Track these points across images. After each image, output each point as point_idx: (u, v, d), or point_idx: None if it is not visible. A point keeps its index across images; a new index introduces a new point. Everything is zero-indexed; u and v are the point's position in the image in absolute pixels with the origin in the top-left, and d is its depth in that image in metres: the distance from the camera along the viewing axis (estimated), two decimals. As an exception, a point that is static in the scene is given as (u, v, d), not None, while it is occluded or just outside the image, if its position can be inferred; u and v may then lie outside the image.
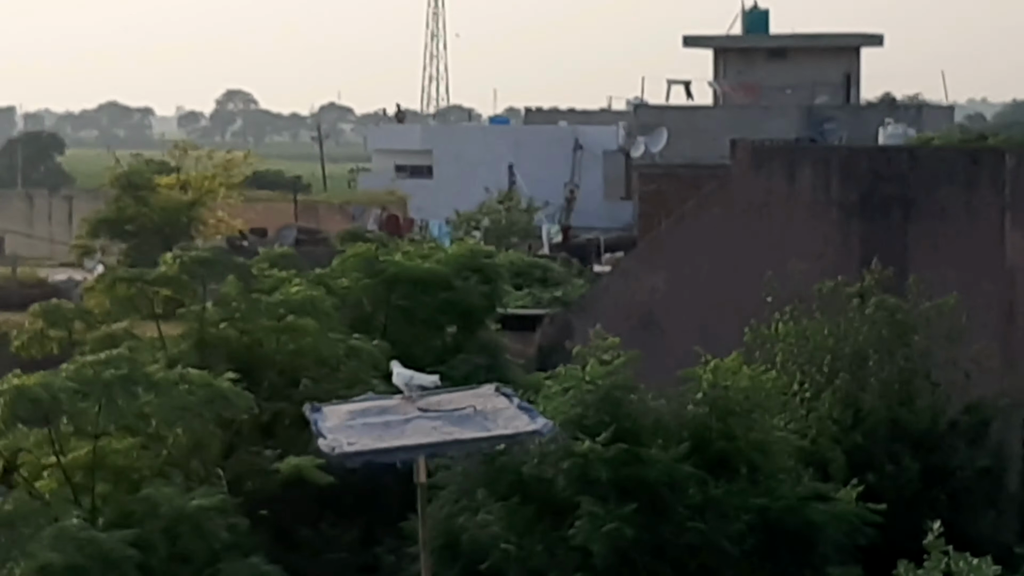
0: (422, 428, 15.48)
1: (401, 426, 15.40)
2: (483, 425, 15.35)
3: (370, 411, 15.25)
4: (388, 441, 15.14)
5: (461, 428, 15.39)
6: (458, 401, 15.80)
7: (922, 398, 35.89)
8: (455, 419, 15.62)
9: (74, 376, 30.98)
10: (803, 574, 29.87)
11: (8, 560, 29.20)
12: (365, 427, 15.48)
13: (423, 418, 15.60)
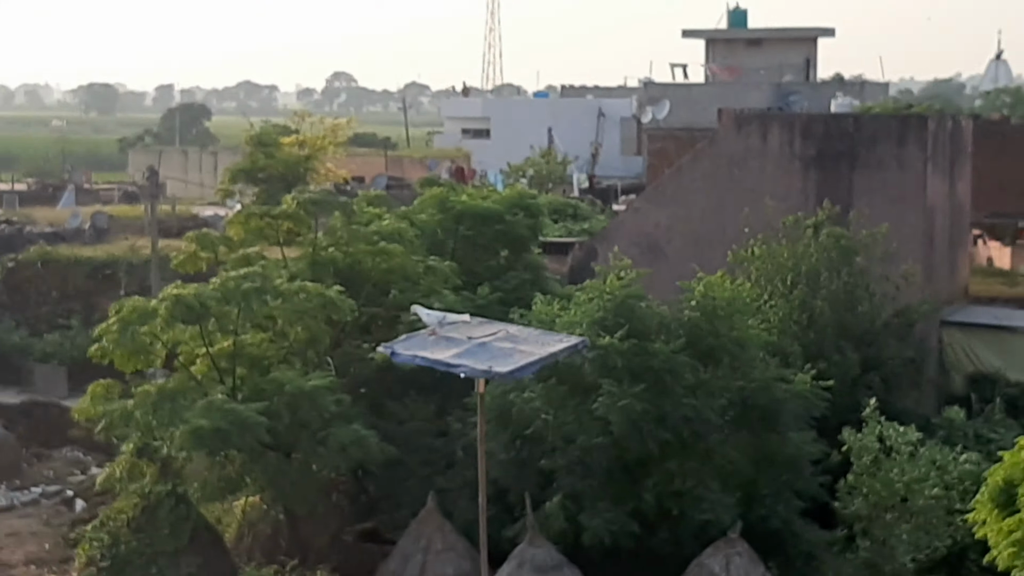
0: (481, 351, 15.55)
1: (465, 347, 15.42)
2: (538, 345, 15.42)
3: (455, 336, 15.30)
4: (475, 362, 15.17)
5: (527, 349, 15.42)
6: (496, 329, 15.79)
7: (862, 305, 36.14)
8: (515, 342, 15.68)
9: (219, 287, 31.45)
10: (770, 438, 30.15)
11: (170, 425, 29.75)
12: (437, 343, 15.58)
13: (481, 344, 15.61)
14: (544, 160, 78.73)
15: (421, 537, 30.02)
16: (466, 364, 15.06)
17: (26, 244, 59.01)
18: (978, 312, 42.17)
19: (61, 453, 45.79)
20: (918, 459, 30.45)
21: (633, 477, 29.03)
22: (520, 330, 16.31)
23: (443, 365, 14.90)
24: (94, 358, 33.05)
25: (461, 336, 15.20)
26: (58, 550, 36.73)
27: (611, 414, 28.24)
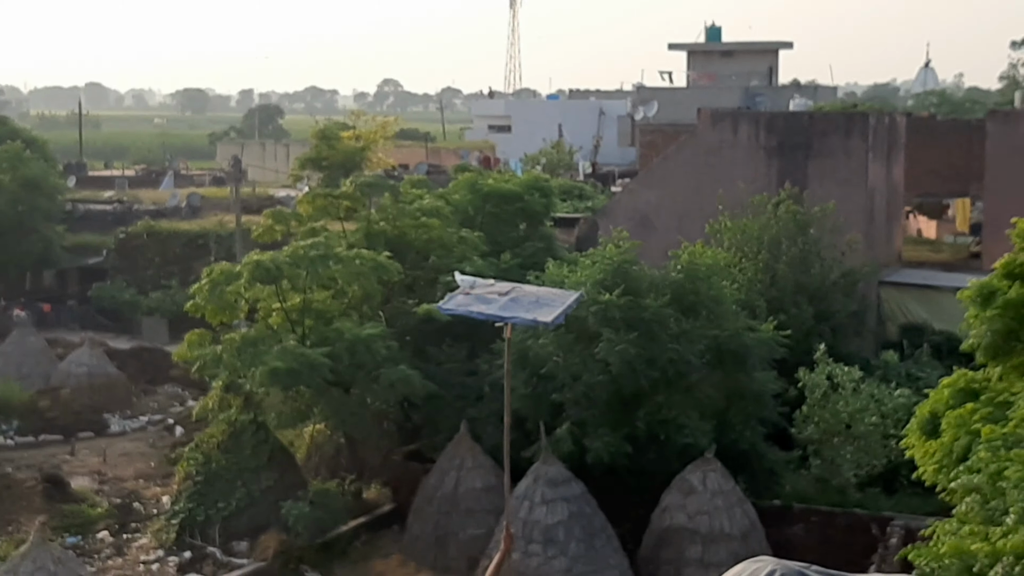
0: (515, 305, 15.33)
1: (501, 302, 15.20)
2: (549, 301, 15.24)
3: (485, 295, 15.05)
4: (499, 311, 14.98)
5: (539, 305, 15.26)
6: (511, 288, 15.60)
7: (814, 267, 36.08)
8: (527, 300, 15.52)
9: (290, 254, 31.49)
10: (739, 377, 30.11)
11: (252, 366, 29.85)
12: (487, 292, 15.37)
13: (513, 299, 15.37)
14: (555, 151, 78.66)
15: (455, 457, 30.17)
16: (517, 315, 14.90)
17: (134, 219, 59.28)
18: (909, 274, 42.15)
19: (163, 389, 45.99)
20: (860, 394, 30.50)
21: (627, 408, 29.06)
22: (533, 288, 16.11)
23: (496, 317, 14.70)
24: (190, 312, 33.27)
25: (493, 294, 15.00)
26: (161, 467, 36.95)
27: (610, 357, 28.31)
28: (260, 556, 29.11)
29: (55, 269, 58.00)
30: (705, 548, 27.18)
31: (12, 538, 29.59)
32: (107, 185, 74.40)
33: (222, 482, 30.44)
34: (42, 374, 43.84)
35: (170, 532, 30.61)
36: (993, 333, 17.95)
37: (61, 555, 22.88)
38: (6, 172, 55.38)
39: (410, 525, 30.60)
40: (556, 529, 26.60)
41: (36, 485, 33.67)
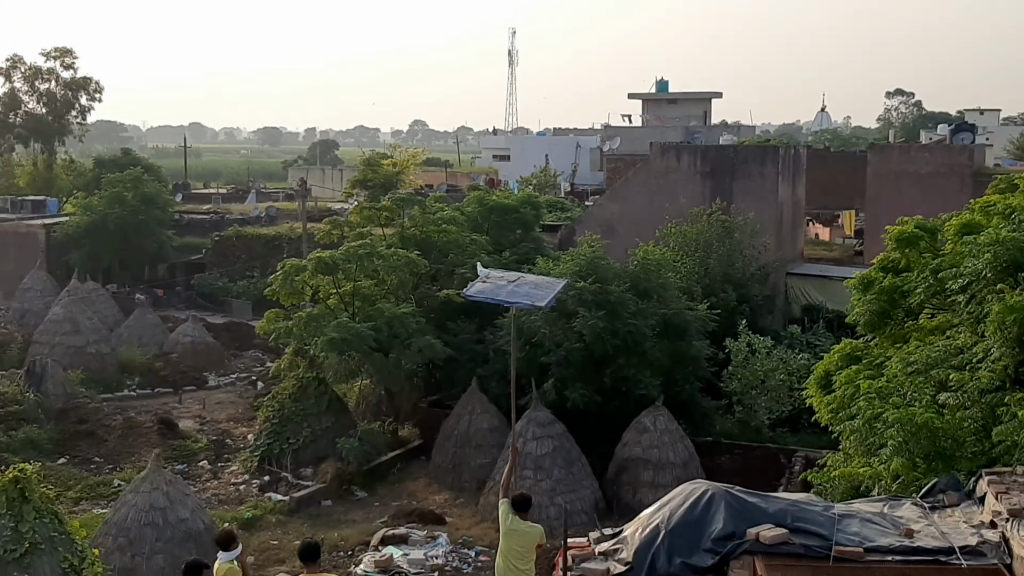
0: (519, 291, 15.29)
1: (508, 288, 15.18)
2: (544, 287, 15.24)
3: (498, 284, 15.04)
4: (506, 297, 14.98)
5: (536, 290, 15.21)
6: (516, 277, 15.61)
7: (737, 262, 36.04)
8: (531, 287, 15.51)
9: (344, 252, 31.48)
10: (681, 344, 30.12)
11: (315, 336, 29.83)
12: (498, 281, 15.34)
13: (518, 287, 15.31)
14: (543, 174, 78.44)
15: (467, 405, 30.22)
16: (520, 300, 14.93)
17: (226, 226, 59.20)
18: (809, 267, 42.15)
19: (248, 354, 45.98)
20: (771, 357, 30.57)
21: (597, 367, 29.12)
22: (532, 276, 16.11)
23: (504, 302, 14.74)
24: (268, 296, 33.34)
25: (503, 281, 15.00)
26: (247, 412, 36.98)
27: (584, 329, 28.37)
28: (321, 479, 29.19)
29: (167, 263, 58.03)
30: (655, 473, 27.26)
31: (134, 466, 29.69)
32: (205, 200, 74.45)
33: (292, 423, 30.49)
34: (157, 342, 43.91)
35: (253, 461, 30.67)
36: (871, 312, 18.02)
37: (171, 478, 22.92)
38: (129, 190, 55.38)
39: (434, 456, 30.68)
40: (543, 459, 26.67)
41: (152, 426, 33.76)
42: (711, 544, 11.98)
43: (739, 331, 31.30)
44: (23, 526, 16.51)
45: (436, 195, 42.78)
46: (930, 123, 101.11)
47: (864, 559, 11.33)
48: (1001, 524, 11.57)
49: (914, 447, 13.53)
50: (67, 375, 35.96)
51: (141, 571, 20.89)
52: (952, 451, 13.53)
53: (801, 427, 29.73)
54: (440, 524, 25.63)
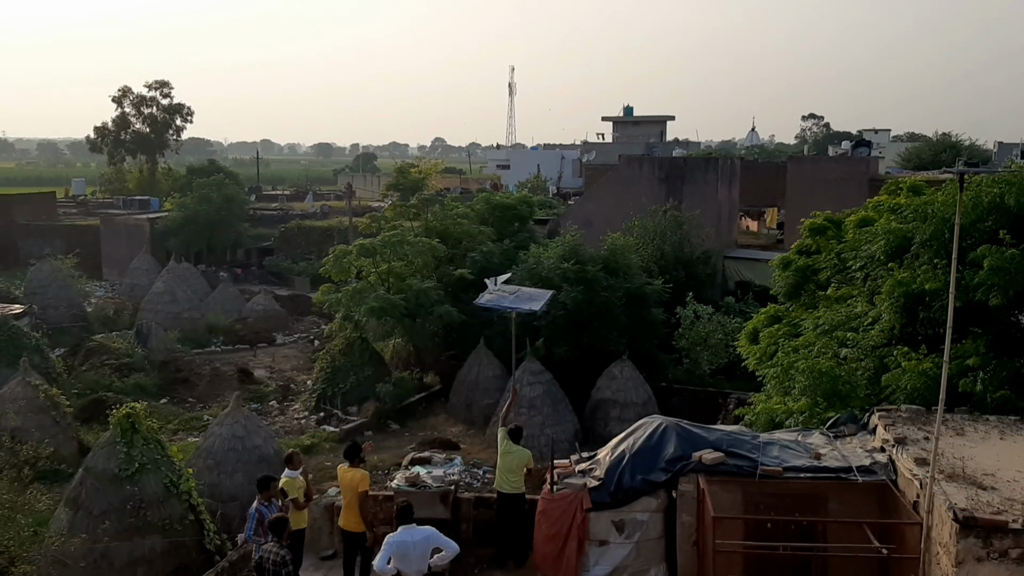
0: (518, 299, 15.25)
1: (510, 298, 15.10)
2: (537, 297, 15.16)
3: (502, 295, 14.96)
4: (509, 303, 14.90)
5: (532, 300, 15.15)
6: (516, 289, 15.49)
7: (686, 248, 35.79)
8: (526, 296, 15.42)
9: (381, 239, 31.30)
10: (642, 312, 29.99)
11: (359, 305, 29.70)
12: (503, 292, 15.24)
13: (518, 297, 15.24)
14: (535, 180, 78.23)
15: (477, 358, 30.16)
16: (520, 307, 14.98)
17: (289, 220, 59.10)
18: (741, 251, 41.99)
19: (307, 319, 45.95)
20: (712, 321, 30.53)
21: (577, 330, 29.03)
22: (528, 289, 16.07)
23: (508, 308, 14.78)
24: (323, 274, 33.19)
25: (506, 293, 14.95)
26: (306, 364, 36.82)
27: (567, 300, 28.23)
28: (364, 415, 29.20)
29: (243, 249, 57.95)
30: (621, 411, 27.21)
31: (219, 405, 29.72)
32: (273, 200, 74.24)
33: (341, 373, 30.46)
34: (236, 310, 43.85)
35: (311, 401, 30.69)
36: (789, 285, 18.04)
37: (248, 414, 22.89)
38: (214, 192, 55.27)
39: (451, 398, 30.63)
40: (535, 400, 26.64)
41: (233, 375, 33.77)
42: (664, 464, 12.06)
43: (687, 301, 31.27)
44: (134, 451, 16.58)
45: (452, 196, 42.59)
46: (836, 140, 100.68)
47: (783, 476, 11.40)
48: (889, 449, 11.63)
49: (817, 389, 13.56)
50: (167, 335, 35.96)
51: (225, 486, 20.90)
52: (848, 393, 13.56)
53: (735, 375, 29.72)
54: (456, 449, 25.69)
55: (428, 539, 10.50)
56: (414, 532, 10.54)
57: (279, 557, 10.04)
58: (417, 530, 10.57)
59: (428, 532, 10.56)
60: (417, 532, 10.54)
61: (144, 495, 16.42)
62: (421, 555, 10.48)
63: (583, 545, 12.11)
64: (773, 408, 14.36)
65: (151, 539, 16.21)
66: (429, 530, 10.61)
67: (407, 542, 10.49)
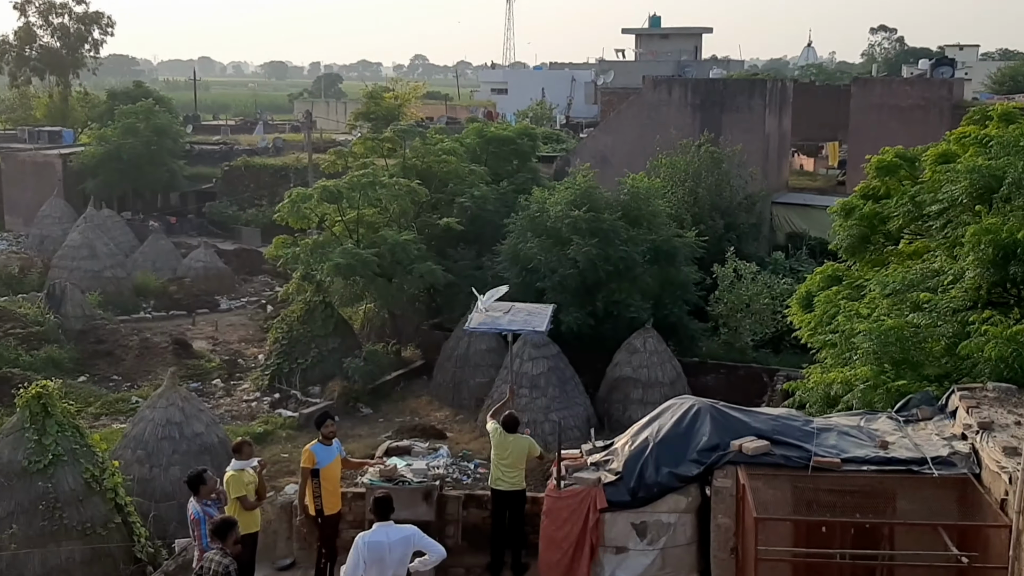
0: (516, 319, 15.22)
1: (506, 319, 15.06)
2: (536, 314, 15.12)
3: (496, 316, 14.89)
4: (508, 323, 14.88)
5: (531, 317, 15.11)
6: (509, 307, 15.43)
7: (725, 191, 35.91)
8: (525, 314, 15.34)
9: (348, 181, 31.34)
10: (670, 270, 30.08)
11: (321, 261, 29.80)
12: (495, 313, 15.16)
13: (514, 316, 15.18)
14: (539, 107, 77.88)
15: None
16: (524, 328, 15.02)
17: (235, 156, 58.90)
18: (793, 196, 42.05)
19: (257, 279, 46.04)
20: (756, 282, 30.61)
21: (590, 292, 29.14)
22: (521, 304, 16.01)
23: (510, 330, 14.79)
24: (277, 222, 33.27)
25: (499, 313, 14.92)
26: (257, 334, 37.10)
27: (578, 256, 28.32)
28: (328, 397, 29.37)
29: (178, 192, 57.85)
30: (644, 391, 27.40)
31: (151, 383, 29.86)
32: (215, 131, 73.97)
33: (300, 344, 30.59)
34: (170, 267, 43.89)
35: (264, 380, 30.84)
36: (851, 237, 18.04)
37: (186, 395, 23.03)
38: (142, 122, 54.96)
39: (435, 375, 30.83)
40: (539, 378, 26.80)
41: (167, 346, 33.87)
42: (696, 455, 12.14)
43: (726, 257, 31.30)
44: (46, 439, 16.66)
45: (436, 127, 42.49)
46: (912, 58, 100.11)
47: (841, 469, 11.48)
48: (971, 436, 11.70)
49: (882, 353, 13.61)
50: (85, 298, 35.99)
51: (159, 482, 21.08)
52: (920, 360, 13.61)
53: (783, 348, 29.90)
54: (441, 438, 25.76)
55: (408, 540, 10.59)
56: (391, 531, 10.63)
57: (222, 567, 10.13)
58: (395, 529, 10.66)
59: (408, 532, 10.65)
60: (395, 531, 10.63)
61: (59, 492, 16.54)
62: (399, 559, 10.58)
63: (596, 552, 12.22)
64: (830, 380, 14.43)
65: (69, 546, 16.35)
66: (410, 530, 10.70)
67: (382, 543, 10.59)
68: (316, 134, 57.42)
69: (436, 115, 76.68)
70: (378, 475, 13.64)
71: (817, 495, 11.37)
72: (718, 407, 12.77)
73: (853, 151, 41.65)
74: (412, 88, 72.19)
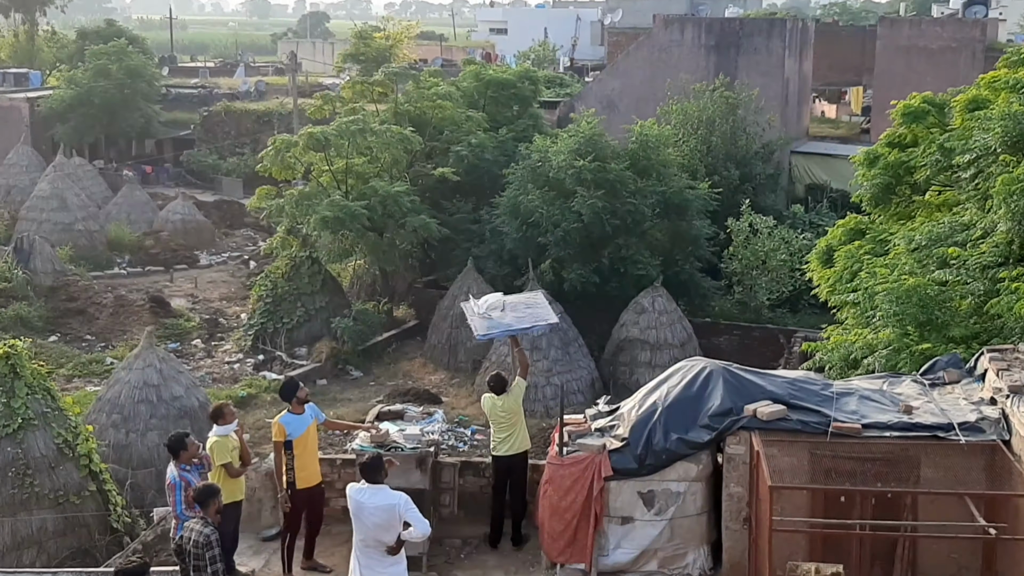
0: (523, 316, 15.12)
1: (510, 316, 14.92)
2: (536, 305, 14.96)
3: (499, 317, 14.71)
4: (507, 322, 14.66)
5: (534, 309, 14.97)
6: (502, 305, 15.27)
7: (741, 140, 35.76)
8: (524, 307, 15.20)
9: (336, 127, 31.20)
10: (681, 224, 30.13)
11: (307, 214, 29.83)
12: (495, 312, 15.02)
13: (516, 311, 15.06)
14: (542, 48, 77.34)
15: (463, 285, 30.22)
16: (536, 324, 14.81)
17: (214, 101, 58.72)
18: (814, 145, 41.89)
19: (239, 232, 45.98)
20: (773, 237, 30.58)
21: (595, 248, 29.16)
22: (514, 298, 15.73)
23: (522, 331, 14.53)
24: (259, 172, 33.26)
25: (499, 311, 14.74)
26: (240, 291, 37.14)
27: (582, 209, 28.31)
28: (316, 358, 29.47)
29: (154, 139, 57.71)
30: (652, 353, 27.51)
31: (126, 344, 29.92)
32: (193, 74, 73.64)
33: (286, 303, 30.64)
34: (146, 220, 43.84)
35: (247, 340, 30.92)
36: (875, 187, 18.01)
37: (164, 356, 23.10)
38: (114, 63, 54.63)
39: (429, 336, 30.91)
40: (540, 339, 26.82)
41: (144, 304, 33.88)
42: (708, 420, 12.18)
43: (741, 211, 31.23)
44: (15, 402, 16.74)
45: (431, 70, 42.13)
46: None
47: (861, 435, 11.52)
48: (1001, 401, 11.73)
49: (906, 315, 13.62)
50: (55, 252, 35.97)
51: (136, 447, 21.21)
52: (946, 320, 13.61)
53: (801, 308, 30.01)
54: (436, 403, 25.92)
55: (392, 509, 10.59)
56: (377, 495, 10.65)
57: (203, 537, 10.17)
58: (382, 495, 10.66)
59: (394, 501, 10.65)
60: (380, 497, 10.64)
61: (29, 459, 16.65)
62: (380, 524, 10.61)
63: (600, 522, 12.30)
64: (850, 342, 14.45)
65: (40, 514, 16.47)
66: (397, 498, 10.69)
67: (361, 503, 10.67)
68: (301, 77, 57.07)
69: (430, 57, 76.21)
70: (369, 441, 13.67)
71: (836, 463, 11.42)
72: (731, 369, 12.79)
73: (878, 97, 41.41)
74: (405, 28, 71.56)
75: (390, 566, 10.83)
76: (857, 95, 50.56)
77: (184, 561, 10.51)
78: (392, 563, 10.84)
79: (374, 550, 10.79)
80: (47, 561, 16.23)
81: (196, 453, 12.20)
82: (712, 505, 12.43)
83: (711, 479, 12.38)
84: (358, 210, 29.80)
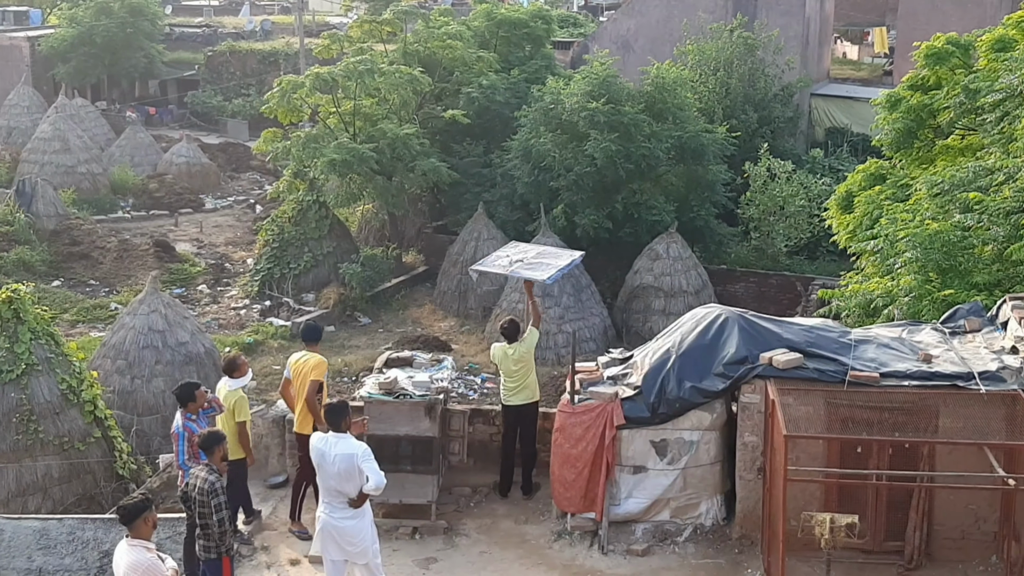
0: (527, 260, 14.86)
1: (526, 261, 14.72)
2: (549, 255, 14.77)
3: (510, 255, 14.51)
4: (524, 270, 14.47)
5: (546, 259, 14.76)
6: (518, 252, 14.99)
7: (760, 82, 35.44)
8: (531, 253, 15.01)
9: (343, 68, 30.98)
10: (697, 169, 29.97)
11: (314, 157, 29.77)
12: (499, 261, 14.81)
13: (530, 257, 14.85)
14: (557, -12, 76.74)
15: (473, 231, 30.28)
16: (570, 262, 14.66)
17: (219, 41, 58.39)
18: (835, 87, 41.54)
19: (245, 176, 45.91)
20: (792, 182, 30.45)
21: (608, 193, 29.05)
22: (514, 247, 15.44)
23: (517, 275, 14.37)
24: (265, 114, 33.08)
25: (519, 256, 14.52)
26: (246, 236, 37.18)
27: (596, 152, 28.15)
28: (323, 304, 29.55)
29: (158, 80, 57.44)
30: (666, 301, 27.53)
31: (131, 289, 30.04)
32: (197, 12, 73.13)
33: (292, 248, 30.67)
34: (150, 163, 43.78)
35: (253, 286, 30.99)
36: (897, 131, 17.90)
37: (169, 301, 23.18)
38: (116, 1, 54.41)
39: (439, 282, 30.96)
40: (552, 286, 26.81)
41: (148, 249, 33.94)
42: (723, 368, 12.21)
43: (759, 155, 31.08)
44: (19, 347, 16.83)
45: (441, 8, 41.85)
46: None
47: (879, 384, 11.53)
48: (1023, 349, 11.72)
49: (927, 261, 13.58)
50: (58, 195, 35.97)
51: (141, 394, 21.35)
52: (968, 267, 13.56)
53: (819, 255, 29.98)
54: (445, 350, 26.01)
55: (351, 459, 10.61)
56: (339, 443, 10.67)
57: (208, 484, 10.25)
58: (343, 443, 10.65)
59: (353, 451, 10.65)
60: (341, 445, 10.64)
61: (34, 404, 16.77)
62: (341, 473, 10.61)
63: (612, 471, 12.37)
64: (870, 290, 14.43)
65: (45, 460, 16.63)
66: (357, 448, 10.68)
67: (323, 452, 10.71)
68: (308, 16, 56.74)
69: (441, -4, 75.66)
70: (377, 388, 13.72)
71: (853, 412, 11.43)
72: (747, 317, 12.79)
73: (902, 37, 40.95)
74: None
75: (352, 519, 10.75)
76: (880, 35, 50.09)
77: (190, 508, 10.62)
78: (354, 516, 10.77)
79: (337, 500, 10.77)
80: (52, 507, 16.41)
81: (203, 404, 12.27)
82: (726, 455, 12.49)
83: (725, 428, 12.43)
84: (366, 153, 29.71)
